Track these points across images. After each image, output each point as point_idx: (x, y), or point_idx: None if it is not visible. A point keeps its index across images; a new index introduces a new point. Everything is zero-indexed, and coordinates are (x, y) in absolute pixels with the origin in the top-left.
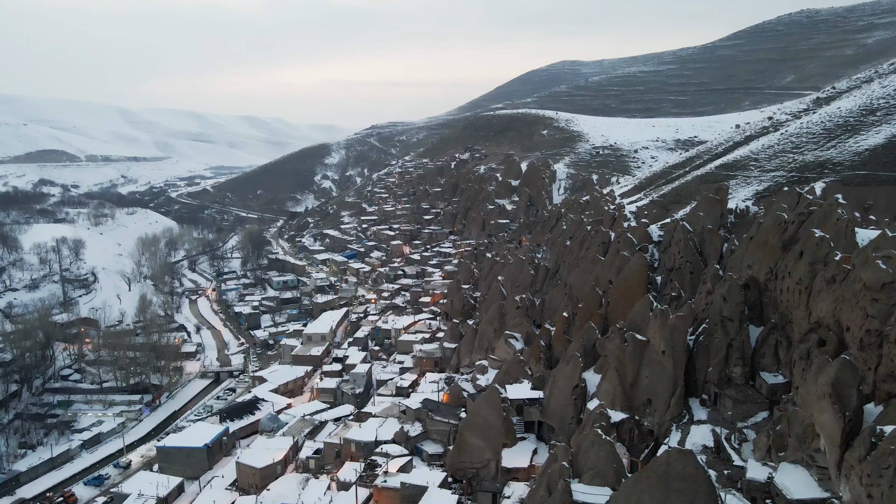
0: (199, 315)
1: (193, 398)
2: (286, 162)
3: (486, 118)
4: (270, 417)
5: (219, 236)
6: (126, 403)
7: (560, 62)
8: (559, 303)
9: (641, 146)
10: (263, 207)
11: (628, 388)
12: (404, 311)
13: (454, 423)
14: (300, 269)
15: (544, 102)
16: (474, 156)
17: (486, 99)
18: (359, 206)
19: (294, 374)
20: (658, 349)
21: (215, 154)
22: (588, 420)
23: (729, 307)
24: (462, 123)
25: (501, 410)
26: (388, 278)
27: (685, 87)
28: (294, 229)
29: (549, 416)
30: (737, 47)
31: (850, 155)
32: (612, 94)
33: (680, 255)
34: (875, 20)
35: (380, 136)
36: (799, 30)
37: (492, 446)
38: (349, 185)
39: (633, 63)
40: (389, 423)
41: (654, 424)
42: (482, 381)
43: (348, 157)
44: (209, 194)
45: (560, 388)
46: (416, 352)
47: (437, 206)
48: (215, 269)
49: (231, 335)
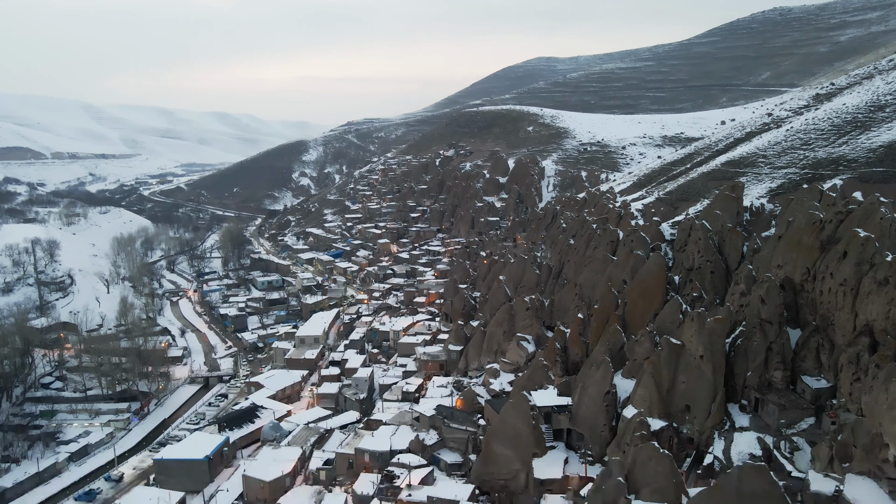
0: (182, 317)
1: (183, 405)
2: (262, 159)
3: (469, 114)
4: (272, 426)
5: (196, 235)
6: (113, 412)
7: (536, 58)
8: (569, 303)
9: (629, 142)
10: (240, 205)
11: (665, 394)
12: (398, 311)
13: (472, 430)
14: (285, 269)
15: (523, 99)
16: (459, 152)
17: (463, 95)
18: (342, 204)
19: (291, 378)
20: (695, 354)
21: (186, 151)
22: (628, 429)
23: (767, 309)
24: (444, 120)
25: (531, 418)
26: (378, 278)
27: (663, 84)
28: (275, 228)
29: (579, 423)
30: (712, 44)
31: (864, 152)
32: (590, 90)
33: (700, 255)
34: (847, 18)
35: (357, 133)
36: (773, 27)
37: (521, 456)
38: (328, 182)
39: (608, 60)
40: (402, 431)
41: (693, 432)
42: (495, 385)
43: (326, 154)
44: (183, 192)
45: (590, 394)
46: (420, 355)
47: (424, 204)
48: (195, 269)
49: (217, 338)
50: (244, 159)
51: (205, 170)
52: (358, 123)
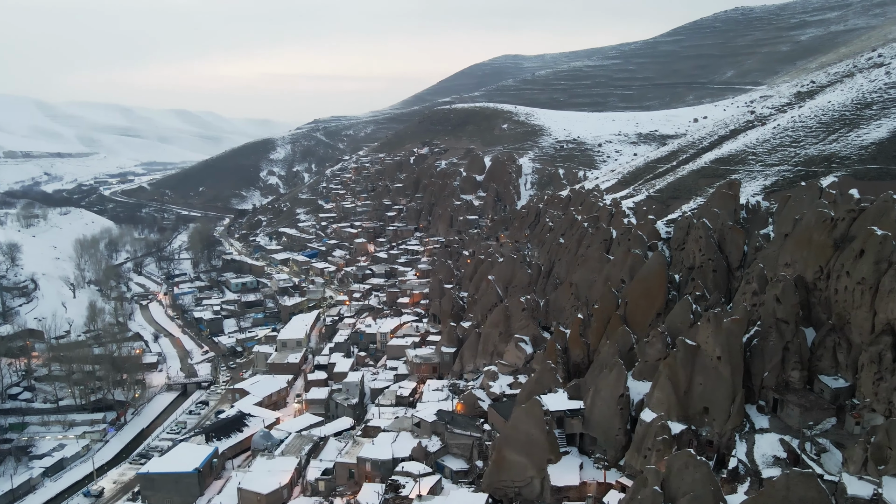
0: (153, 322)
1: (161, 414)
2: (229, 157)
3: (442, 112)
4: (263, 434)
5: (162, 236)
6: (88, 423)
7: (503, 56)
8: (565, 303)
9: (605, 140)
10: (206, 205)
11: (682, 396)
12: (381, 312)
13: (476, 435)
14: (259, 270)
15: (492, 96)
16: (433, 150)
17: (431, 92)
18: (314, 203)
19: (277, 384)
20: (712, 354)
21: (146, 149)
22: (648, 433)
23: (783, 308)
24: (416, 117)
25: (544, 424)
26: (357, 278)
27: (630, 82)
28: (245, 228)
29: (593, 427)
30: (677, 43)
31: (856, 149)
32: (559, 88)
33: (701, 253)
34: (807, 18)
35: (326, 131)
36: (735, 26)
37: (535, 463)
38: (297, 181)
39: (574, 57)
40: (403, 438)
41: (713, 435)
42: (496, 388)
43: (294, 153)
44: (146, 192)
45: (603, 397)
46: (412, 357)
47: (400, 203)
48: (164, 271)
49: (192, 343)
50: (209, 158)
51: (167, 168)
52: (325, 121)
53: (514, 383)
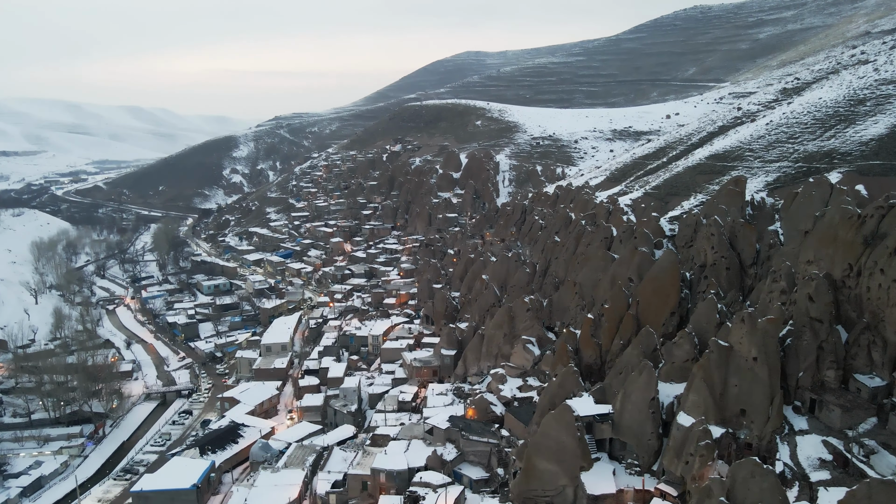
0: (123, 328)
1: (141, 425)
2: (189, 155)
3: (413, 109)
4: (262, 446)
5: (123, 237)
6: (64, 437)
7: (465, 52)
8: (569, 303)
9: (581, 136)
10: (167, 204)
11: (718, 398)
12: (367, 314)
13: (494, 442)
14: (231, 272)
15: (458, 93)
16: (406, 147)
17: (394, 89)
18: (285, 202)
19: (268, 391)
20: (748, 355)
21: (97, 147)
22: (689, 438)
23: (817, 307)
24: (385, 114)
25: (576, 430)
26: (336, 279)
27: (595, 79)
28: (213, 228)
29: (623, 432)
30: (639, 40)
31: (856, 145)
32: (525, 84)
33: (714, 251)
34: (763, 16)
35: (290, 128)
36: (695, 25)
37: (567, 471)
38: (261, 179)
39: (537, 54)
40: (415, 446)
41: (753, 437)
42: (506, 391)
43: (258, 150)
44: (102, 191)
45: (634, 401)
46: (411, 361)
47: (375, 201)
48: (129, 274)
49: (167, 349)
50: (168, 156)
51: (121, 167)
52: (287, 118)
53: (523, 386)
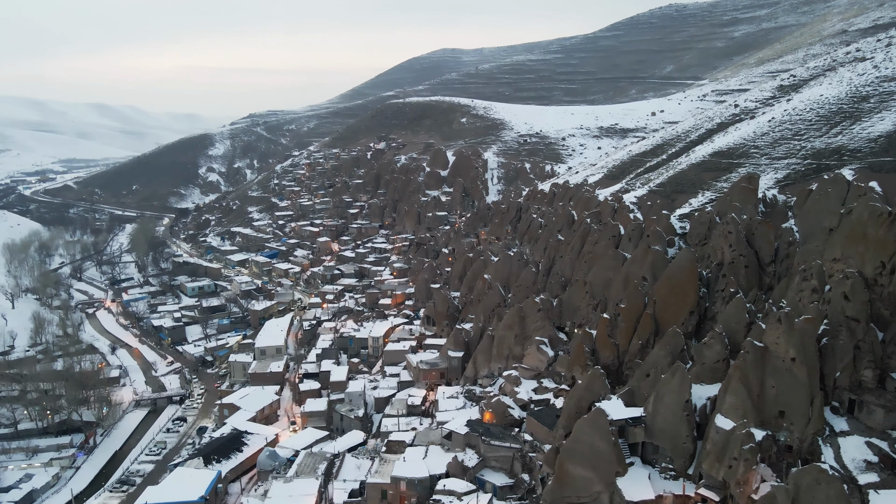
0: (105, 332)
1: (133, 433)
2: (163, 154)
3: (396, 106)
4: (270, 454)
5: (98, 238)
6: (54, 448)
7: (441, 50)
8: (580, 303)
9: (568, 134)
10: (142, 204)
11: (756, 400)
12: (362, 314)
13: (516, 446)
14: (215, 273)
15: (437, 90)
16: (391, 145)
17: (370, 87)
18: (267, 201)
19: (268, 397)
20: (785, 356)
21: (64, 146)
22: (731, 441)
23: (853, 306)
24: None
25: (610, 434)
26: (325, 279)
27: (573, 76)
28: (193, 228)
29: (657, 436)
30: (616, 38)
31: (864, 142)
32: (503, 81)
33: (731, 249)
34: (738, 15)
35: (266, 126)
36: (671, 23)
37: (602, 476)
38: (238, 177)
39: (513, 52)
40: (433, 453)
41: (793, 440)
42: (522, 394)
43: (234, 148)
44: (73, 191)
45: (667, 403)
46: (417, 363)
47: (361, 199)
48: (108, 276)
49: (154, 353)
50: (141, 154)
51: (90, 166)
52: (262, 115)
53: (538, 388)
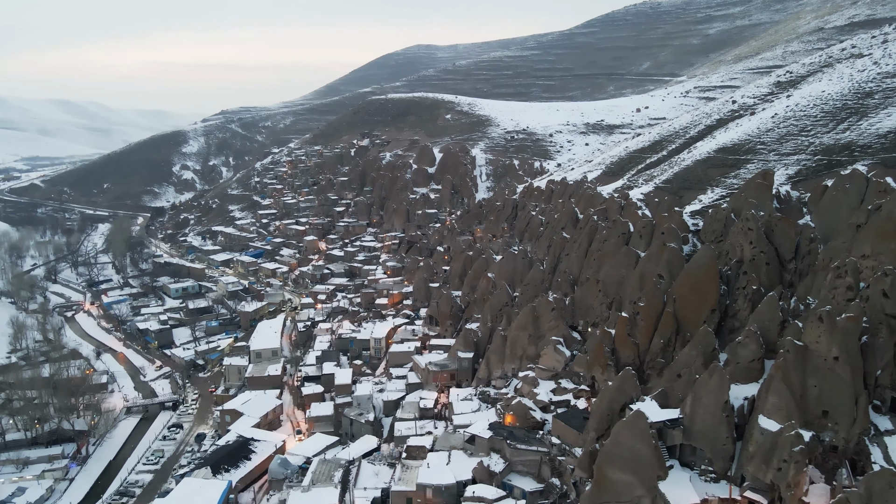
0: (87, 336)
1: (127, 442)
2: (135, 151)
3: (378, 102)
4: (281, 462)
5: (70, 238)
6: (45, 460)
7: (415, 46)
8: (592, 301)
9: (555, 130)
10: (114, 203)
11: (798, 400)
12: (357, 315)
13: (544, 450)
14: (199, 273)
15: (415, 86)
16: (374, 142)
17: (345, 83)
18: (249, 199)
19: (271, 401)
20: (827, 355)
21: (26, 143)
22: (781, 442)
23: (893, 303)
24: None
25: (650, 437)
26: (315, 279)
27: (551, 73)
28: (171, 227)
29: (695, 437)
30: (593, 35)
31: (874, 137)
32: (481, 78)
33: (752, 246)
34: (711, 12)
35: (241, 122)
36: (646, 20)
37: (644, 481)
38: (214, 175)
39: (488, 48)
40: (456, 458)
41: (839, 440)
42: (542, 395)
43: (209, 146)
44: (40, 190)
45: (706, 405)
46: (426, 365)
47: (346, 197)
48: (84, 277)
49: (141, 358)
50: (112, 152)
51: (55, 164)
52: (235, 112)
53: (557, 388)
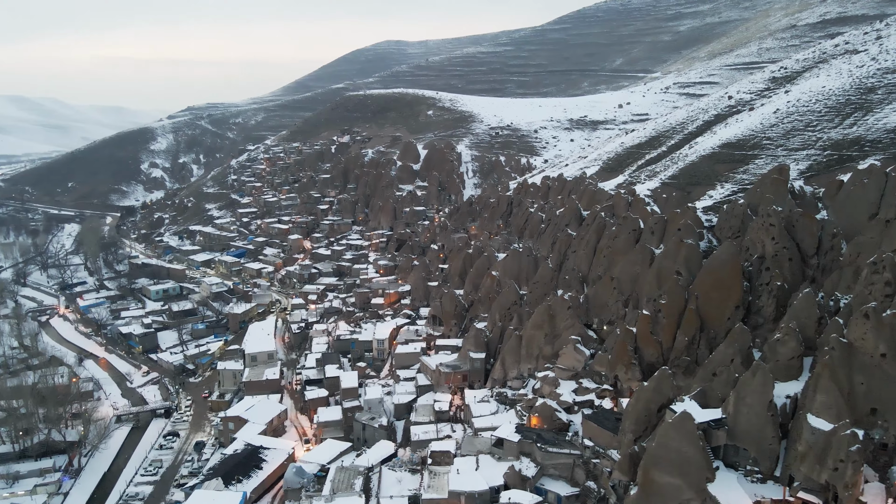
0: (65, 341)
1: (120, 452)
2: (100, 149)
3: (358, 99)
4: (297, 470)
5: (36, 240)
6: (36, 473)
7: (385, 41)
8: (607, 299)
9: (539, 126)
10: (80, 203)
11: (847, 398)
12: (353, 315)
13: (576, 452)
14: (179, 275)
15: (388, 82)
16: (355, 139)
17: (314, 79)
18: (227, 198)
19: (275, 407)
20: (873, 352)
21: None
22: (834, 443)
23: None
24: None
25: (698, 439)
26: (303, 279)
27: (525, 69)
28: (145, 227)
29: (740, 438)
30: (565, 31)
31: (882, 132)
32: (455, 74)
33: (774, 242)
34: (681, 10)
35: (211, 119)
36: (617, 17)
37: (693, 483)
38: (185, 173)
39: (458, 44)
40: (484, 463)
41: (888, 437)
42: (565, 395)
43: (178, 143)
44: (0, 190)
45: (749, 404)
46: (437, 366)
47: (329, 195)
48: (56, 280)
49: (126, 363)
50: (76, 149)
51: (12, 162)
52: (203, 109)
53: (578, 388)
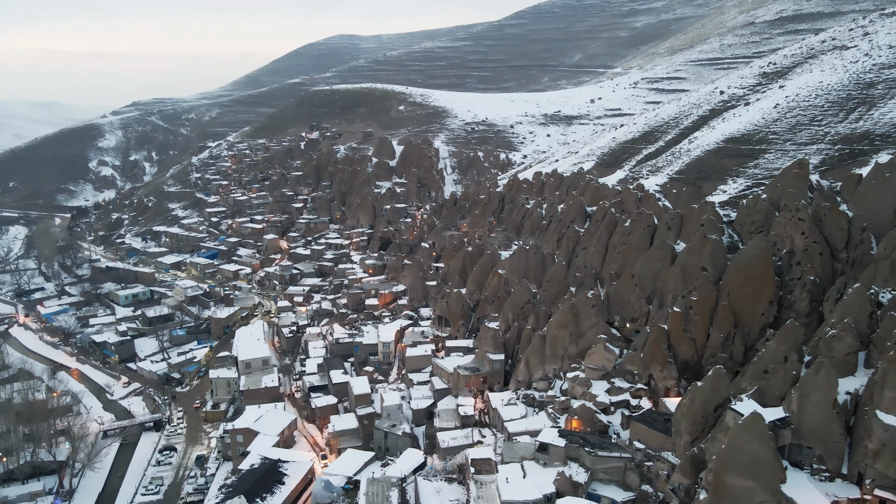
0: (29, 352)
1: (113, 469)
2: (43, 146)
3: (324, 94)
4: (325, 484)
5: None
6: (27, 497)
7: (338, 36)
8: (629, 296)
9: (514, 121)
10: (24, 203)
11: None
12: (346, 317)
13: (627, 456)
14: (148, 278)
15: (346, 77)
16: (325, 135)
17: (265, 73)
18: (191, 196)
19: (284, 417)
20: None
21: None
22: None
23: None
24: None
25: (770, 440)
26: (284, 280)
27: (485, 63)
28: (103, 228)
29: (806, 436)
30: (522, 27)
31: (890, 127)
32: (414, 69)
33: (804, 236)
34: (636, 6)
35: (163, 115)
36: (573, 12)
37: (766, 486)
38: (137, 171)
39: (412, 39)
40: (531, 470)
41: None
42: (601, 396)
43: (128, 140)
44: None
45: (814, 402)
46: (455, 369)
47: (303, 193)
48: (11, 287)
49: (102, 374)
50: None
51: None
52: (150, 104)
53: (611, 388)
